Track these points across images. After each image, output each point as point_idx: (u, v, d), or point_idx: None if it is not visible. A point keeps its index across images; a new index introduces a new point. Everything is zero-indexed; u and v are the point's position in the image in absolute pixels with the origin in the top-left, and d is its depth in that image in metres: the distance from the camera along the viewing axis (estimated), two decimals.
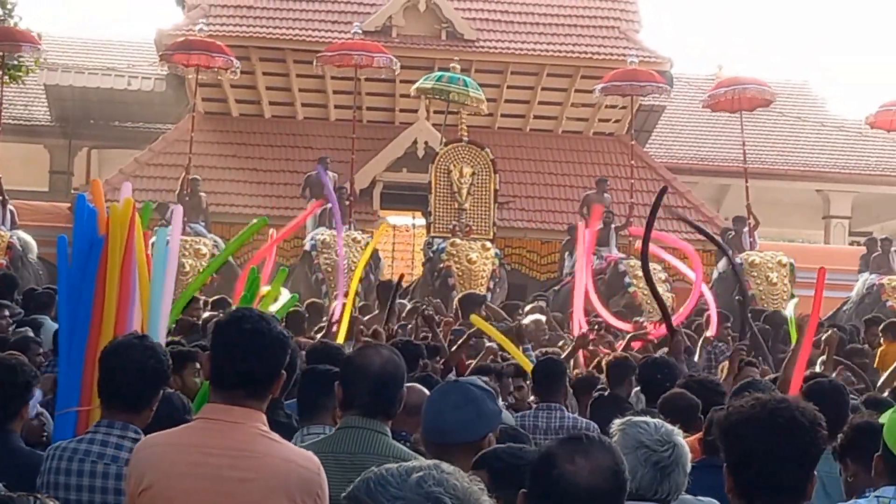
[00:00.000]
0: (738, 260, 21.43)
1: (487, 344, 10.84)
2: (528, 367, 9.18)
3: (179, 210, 7.10)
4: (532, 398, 8.74)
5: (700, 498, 5.20)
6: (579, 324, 14.41)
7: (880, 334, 13.72)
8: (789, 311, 14.26)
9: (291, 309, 11.10)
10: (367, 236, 22.86)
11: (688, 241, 18.65)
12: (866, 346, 14.38)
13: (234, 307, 4.32)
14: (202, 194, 23.69)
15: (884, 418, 4.75)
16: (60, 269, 6.12)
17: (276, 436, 4.05)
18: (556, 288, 22.95)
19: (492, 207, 23.77)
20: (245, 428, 3.95)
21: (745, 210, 24.52)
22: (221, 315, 6.13)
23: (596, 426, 7.19)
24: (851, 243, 32.56)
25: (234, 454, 3.91)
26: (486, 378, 6.48)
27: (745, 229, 23.92)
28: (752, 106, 25.25)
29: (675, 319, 11.31)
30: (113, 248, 5.88)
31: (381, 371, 4.50)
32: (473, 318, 11.03)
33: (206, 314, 12.61)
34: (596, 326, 14.14)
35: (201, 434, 4.00)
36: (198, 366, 7.05)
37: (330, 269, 21.43)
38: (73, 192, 31.25)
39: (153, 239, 7.32)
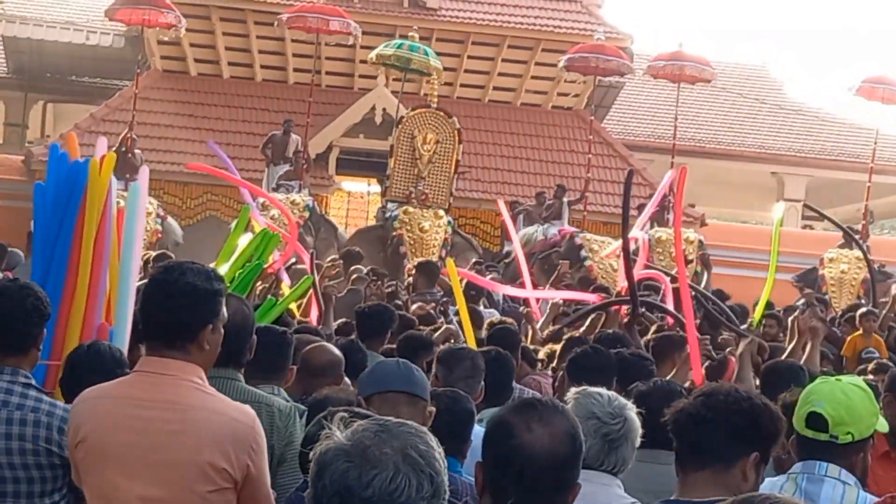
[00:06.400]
0: (645, 236, 21.26)
1: (445, 325, 10.77)
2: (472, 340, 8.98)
3: (146, 171, 6.90)
4: None
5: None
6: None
7: (859, 319, 13.51)
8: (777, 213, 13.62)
9: None
10: (309, 199, 22.81)
11: None
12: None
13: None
14: (137, 151, 23.38)
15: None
16: (37, 218, 6.02)
17: (211, 389, 4.04)
18: (507, 260, 22.91)
19: (451, 177, 23.61)
20: (177, 380, 3.96)
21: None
22: None
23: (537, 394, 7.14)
24: (804, 227, 32.75)
25: (166, 406, 3.92)
26: None
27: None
28: (692, 81, 25.34)
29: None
30: (92, 204, 5.81)
31: (230, 322, 4.41)
32: (450, 264, 10.86)
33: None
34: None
35: (136, 387, 4.02)
36: None
37: None
38: (27, 145, 30.97)
39: (117, 196, 7.02)
